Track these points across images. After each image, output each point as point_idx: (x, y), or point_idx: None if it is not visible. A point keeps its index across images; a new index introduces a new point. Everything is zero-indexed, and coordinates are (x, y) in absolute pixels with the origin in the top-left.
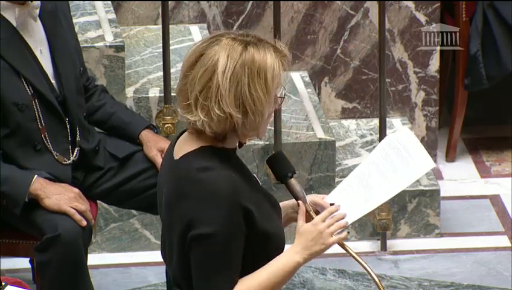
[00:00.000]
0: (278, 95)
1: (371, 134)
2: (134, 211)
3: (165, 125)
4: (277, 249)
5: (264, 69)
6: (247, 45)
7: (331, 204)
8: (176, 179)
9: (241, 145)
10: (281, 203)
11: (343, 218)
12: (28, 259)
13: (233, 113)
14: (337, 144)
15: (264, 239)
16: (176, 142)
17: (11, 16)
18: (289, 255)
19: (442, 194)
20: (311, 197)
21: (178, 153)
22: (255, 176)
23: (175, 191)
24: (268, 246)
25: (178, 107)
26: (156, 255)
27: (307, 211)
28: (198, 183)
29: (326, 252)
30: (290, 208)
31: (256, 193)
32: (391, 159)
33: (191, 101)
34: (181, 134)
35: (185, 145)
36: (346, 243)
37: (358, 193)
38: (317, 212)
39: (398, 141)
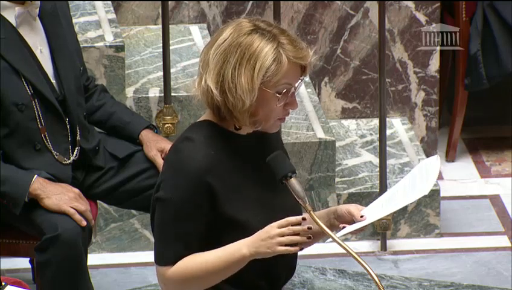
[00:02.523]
0: (277, 92)
1: (371, 134)
2: (134, 211)
3: (165, 125)
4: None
5: (256, 57)
6: (255, 30)
7: (361, 216)
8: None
9: (237, 128)
10: (323, 211)
11: (301, 233)
12: (28, 259)
13: (212, 88)
14: (337, 144)
15: (231, 225)
16: None
17: (11, 15)
18: (239, 246)
19: (442, 194)
20: (347, 207)
21: None
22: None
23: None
24: (237, 234)
25: None
26: None
27: (308, 212)
28: (176, 151)
29: (326, 252)
30: (331, 213)
31: (241, 179)
32: (415, 177)
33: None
34: None
35: (201, 117)
36: (347, 243)
37: (384, 207)
38: (351, 222)
39: (426, 163)
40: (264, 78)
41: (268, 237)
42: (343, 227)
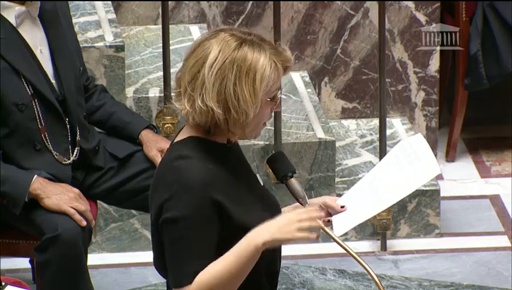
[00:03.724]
0: (269, 98)
1: (371, 134)
2: (134, 211)
3: (165, 125)
4: None
5: (254, 69)
6: (242, 42)
7: (342, 207)
8: (158, 167)
9: (229, 142)
10: (290, 207)
11: (318, 219)
12: (28, 259)
13: (214, 108)
14: (337, 144)
15: (242, 233)
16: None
17: (11, 15)
18: (251, 238)
19: (442, 194)
20: (323, 199)
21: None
22: (257, 175)
23: (154, 178)
24: None
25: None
26: None
27: None
28: (173, 170)
29: (326, 252)
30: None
31: (239, 188)
32: (401, 163)
33: (181, 89)
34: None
35: (179, 136)
36: (347, 243)
37: (367, 196)
38: (328, 215)
39: (409, 146)
40: (266, 87)
41: (289, 221)
42: (328, 221)
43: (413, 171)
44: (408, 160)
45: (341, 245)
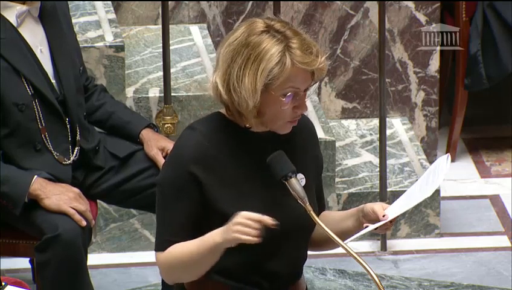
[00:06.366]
0: (282, 95)
1: (371, 134)
2: (134, 211)
3: (165, 125)
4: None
5: (260, 59)
6: (266, 30)
7: (383, 215)
8: None
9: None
10: (354, 209)
11: (256, 224)
12: (28, 259)
13: (219, 86)
14: (337, 144)
15: (223, 220)
16: None
17: (12, 15)
18: (214, 233)
19: (442, 194)
20: (372, 205)
21: None
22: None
23: None
24: None
25: None
26: None
27: (308, 211)
28: (178, 138)
29: (326, 252)
30: (360, 211)
31: (238, 174)
32: (429, 176)
33: None
34: None
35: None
36: (347, 243)
37: (401, 205)
38: (375, 221)
39: (439, 162)
40: (266, 80)
41: (231, 224)
42: (366, 226)
43: (426, 186)
44: (434, 174)
45: (341, 245)
